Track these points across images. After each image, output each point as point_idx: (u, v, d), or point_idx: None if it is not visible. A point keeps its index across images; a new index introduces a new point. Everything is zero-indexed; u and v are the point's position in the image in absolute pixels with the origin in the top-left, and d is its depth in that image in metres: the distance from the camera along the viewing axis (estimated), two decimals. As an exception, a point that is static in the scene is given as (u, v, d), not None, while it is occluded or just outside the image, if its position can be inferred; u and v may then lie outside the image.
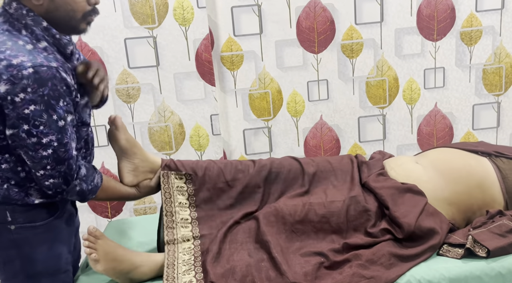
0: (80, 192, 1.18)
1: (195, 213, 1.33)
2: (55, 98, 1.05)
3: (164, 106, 2.07)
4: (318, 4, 2.06)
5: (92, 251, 1.18)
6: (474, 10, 2.13)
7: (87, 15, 1.14)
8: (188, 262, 1.23)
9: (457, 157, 1.44)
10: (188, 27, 2.00)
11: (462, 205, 1.34)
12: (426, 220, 1.27)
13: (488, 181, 1.35)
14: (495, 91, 2.24)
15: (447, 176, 1.36)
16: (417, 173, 1.38)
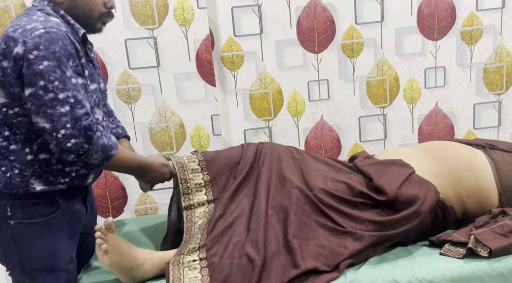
0: (103, 146, 1.19)
1: (207, 176, 1.41)
2: (65, 57, 1.13)
3: (164, 107, 2.07)
4: (318, 4, 2.06)
5: (103, 242, 1.19)
6: (474, 9, 2.13)
7: (103, 16, 1.29)
8: (202, 226, 1.31)
9: (447, 144, 1.48)
10: (188, 28, 2.00)
11: (452, 181, 1.35)
12: (410, 187, 1.27)
13: (480, 167, 1.36)
14: (496, 90, 2.24)
15: (433, 154, 1.40)
16: (404, 152, 1.43)
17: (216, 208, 1.35)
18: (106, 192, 2.11)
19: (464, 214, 1.37)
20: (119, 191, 2.12)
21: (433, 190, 1.29)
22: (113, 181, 2.11)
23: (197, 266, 1.18)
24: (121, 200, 2.14)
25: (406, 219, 1.24)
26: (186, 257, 1.21)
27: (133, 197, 2.14)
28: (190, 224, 1.33)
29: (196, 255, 1.20)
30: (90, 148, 1.16)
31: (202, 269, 1.17)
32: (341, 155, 2.25)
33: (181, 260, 1.20)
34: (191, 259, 1.20)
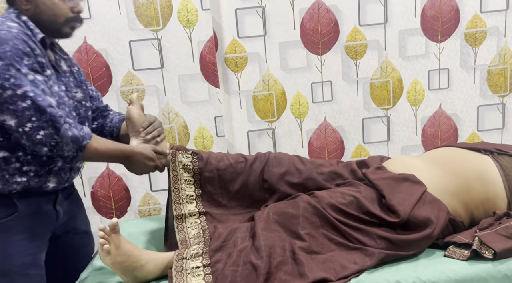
0: (74, 138, 1.20)
1: (199, 190, 1.40)
2: (18, 55, 1.15)
3: (168, 108, 2.08)
4: (322, 6, 2.06)
5: (105, 242, 1.19)
6: (478, 11, 2.12)
7: (69, 21, 1.28)
8: (197, 236, 1.30)
9: (455, 153, 1.45)
10: (192, 29, 2.01)
11: (463, 197, 1.33)
12: (422, 208, 1.26)
13: (490, 177, 1.34)
14: (500, 92, 2.24)
15: (444, 168, 1.36)
16: (415, 165, 1.40)
17: (210, 218, 1.35)
18: (110, 193, 2.12)
19: (470, 222, 1.36)
20: (122, 192, 2.13)
21: (445, 211, 1.28)
22: (116, 182, 2.11)
23: (200, 272, 1.17)
24: (124, 201, 2.14)
25: (418, 241, 1.24)
26: (189, 263, 1.20)
27: (136, 198, 2.14)
28: (183, 235, 1.32)
29: (200, 262, 1.19)
30: (60, 141, 1.18)
31: (205, 276, 1.16)
32: (344, 156, 2.24)
33: (184, 266, 1.19)
34: (195, 266, 1.19)
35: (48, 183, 1.28)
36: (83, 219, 1.51)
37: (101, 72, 2.00)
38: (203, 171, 1.41)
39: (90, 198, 2.11)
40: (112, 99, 2.03)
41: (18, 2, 1.25)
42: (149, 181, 2.13)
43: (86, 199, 2.10)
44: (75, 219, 1.44)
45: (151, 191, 2.15)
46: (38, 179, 1.26)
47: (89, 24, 1.94)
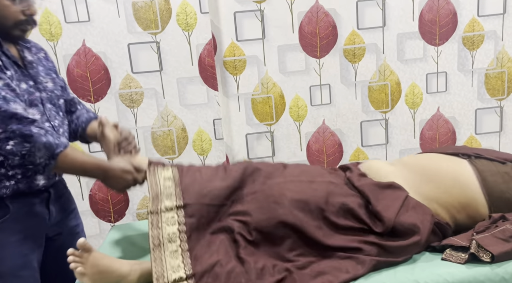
0: (48, 144, 1.15)
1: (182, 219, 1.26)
2: None
3: (167, 111, 2.08)
4: (320, 9, 2.07)
5: (77, 265, 1.15)
6: (476, 15, 2.13)
7: (19, 24, 1.22)
8: (173, 237, 1.20)
9: (430, 159, 1.45)
10: (191, 32, 2.01)
11: (442, 201, 1.33)
12: (407, 214, 1.26)
13: (465, 180, 1.34)
14: (497, 95, 2.24)
15: (420, 176, 1.36)
16: (392, 173, 1.40)
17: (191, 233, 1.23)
18: (108, 196, 2.12)
19: (455, 227, 1.37)
20: (120, 195, 2.13)
21: (429, 214, 1.28)
22: (115, 185, 2.11)
23: None
24: (122, 204, 2.14)
25: (406, 247, 1.24)
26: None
27: (134, 201, 2.14)
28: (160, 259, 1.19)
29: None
30: (32, 146, 1.14)
31: None
32: (343, 159, 2.25)
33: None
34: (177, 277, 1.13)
35: (38, 182, 1.26)
36: (76, 219, 1.48)
37: (99, 75, 2.00)
38: (183, 178, 1.30)
39: (88, 201, 2.10)
40: (110, 102, 2.03)
41: None
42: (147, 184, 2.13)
43: (84, 202, 2.09)
44: (67, 219, 1.42)
45: (150, 194, 2.14)
46: (26, 180, 1.23)
47: (87, 27, 1.94)
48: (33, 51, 1.33)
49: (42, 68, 1.32)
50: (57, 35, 1.94)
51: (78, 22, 1.93)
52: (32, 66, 1.29)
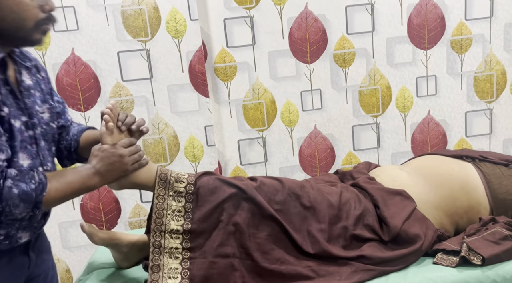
0: (23, 195, 0.94)
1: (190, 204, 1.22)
2: None
3: (158, 118, 2.07)
4: (310, 15, 2.08)
5: (109, 119, 1.15)
6: (463, 18, 2.16)
7: (40, 23, 1.00)
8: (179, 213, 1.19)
9: (440, 162, 1.46)
10: (181, 40, 2.01)
11: (448, 208, 1.34)
12: (413, 225, 1.27)
13: (472, 185, 1.36)
14: (486, 98, 2.26)
15: (430, 181, 1.37)
16: (402, 178, 1.40)
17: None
18: (100, 205, 2.10)
19: (455, 232, 1.38)
20: (112, 204, 2.11)
21: (432, 230, 1.30)
22: (106, 194, 2.10)
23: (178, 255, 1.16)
24: (114, 213, 2.12)
25: (406, 256, 1.25)
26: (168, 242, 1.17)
27: (126, 210, 2.13)
28: None
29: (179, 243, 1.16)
30: (5, 205, 0.92)
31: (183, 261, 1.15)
32: (335, 164, 2.25)
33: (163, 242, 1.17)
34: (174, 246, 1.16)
35: (20, 240, 1.07)
36: (50, 259, 1.27)
37: (89, 83, 1.99)
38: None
39: (79, 211, 2.09)
40: (100, 110, 2.01)
41: None
42: (139, 192, 2.12)
43: (75, 211, 2.08)
44: (41, 259, 1.21)
45: (142, 202, 2.13)
46: (8, 241, 1.04)
47: (76, 35, 1.94)
48: (33, 71, 1.12)
49: (39, 94, 1.11)
50: (46, 44, 1.93)
51: (66, 30, 1.92)
52: (29, 94, 1.08)
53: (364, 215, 1.29)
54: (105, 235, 1.27)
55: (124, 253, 1.31)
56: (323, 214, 1.26)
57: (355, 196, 1.33)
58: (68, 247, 2.07)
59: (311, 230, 1.24)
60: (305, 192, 1.28)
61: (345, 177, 1.50)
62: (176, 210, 1.19)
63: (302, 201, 1.26)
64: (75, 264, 2.08)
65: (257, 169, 2.20)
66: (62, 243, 2.06)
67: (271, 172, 2.21)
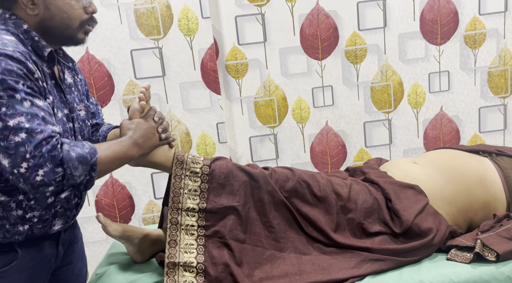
0: (80, 157, 0.98)
1: (205, 184, 1.25)
2: (12, 79, 0.94)
3: (170, 116, 2.09)
4: (321, 11, 2.08)
5: (144, 98, 1.19)
6: (477, 13, 2.13)
7: (84, 23, 1.10)
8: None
9: (456, 156, 1.43)
10: (193, 37, 2.03)
11: (462, 204, 1.32)
12: (425, 219, 1.27)
13: (489, 179, 1.33)
14: (501, 93, 2.24)
15: (445, 174, 1.35)
16: (415, 172, 1.38)
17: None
18: (114, 201, 2.13)
19: (468, 228, 1.36)
20: (126, 200, 2.14)
21: (445, 225, 1.29)
22: (120, 190, 2.13)
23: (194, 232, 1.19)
24: (128, 209, 2.15)
25: (418, 249, 1.25)
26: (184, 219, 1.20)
27: (140, 206, 2.16)
28: None
29: (195, 220, 1.20)
30: (66, 168, 0.96)
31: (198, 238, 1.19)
32: (346, 160, 2.25)
33: (179, 220, 1.21)
34: (190, 223, 1.20)
35: (54, 227, 1.11)
36: (80, 250, 1.32)
37: (103, 81, 2.02)
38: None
39: (94, 207, 2.12)
40: (114, 108, 2.05)
41: (20, 6, 1.03)
42: (153, 189, 2.15)
43: (90, 208, 2.11)
44: (70, 252, 1.26)
45: (155, 198, 2.16)
46: (42, 225, 1.08)
47: (90, 34, 1.94)
48: (72, 73, 1.19)
49: (77, 93, 1.19)
50: (61, 43, 1.96)
51: (81, 29, 1.95)
52: (70, 91, 1.15)
53: (374, 208, 1.29)
54: (119, 227, 1.32)
55: (137, 245, 1.34)
56: (331, 204, 1.28)
57: (365, 189, 1.34)
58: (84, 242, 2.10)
59: (319, 220, 1.25)
60: (315, 181, 1.30)
61: (356, 173, 1.50)
62: (192, 190, 1.23)
63: (313, 190, 1.28)
64: (91, 259, 2.11)
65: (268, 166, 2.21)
66: (77, 239, 2.10)
67: (283, 168, 2.22)
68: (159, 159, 1.24)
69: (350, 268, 1.19)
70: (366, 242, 1.25)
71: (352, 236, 1.27)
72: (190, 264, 1.16)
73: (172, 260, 1.16)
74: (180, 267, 1.16)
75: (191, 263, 1.16)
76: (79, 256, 1.31)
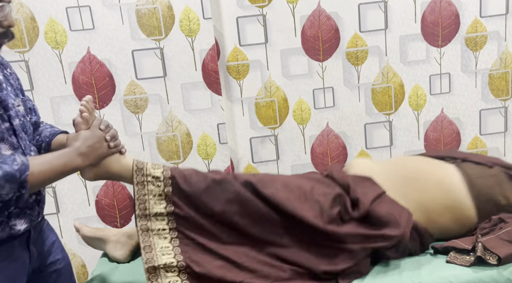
0: (7, 175, 0.95)
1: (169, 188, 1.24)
2: None
3: (171, 116, 2.09)
4: (322, 13, 2.08)
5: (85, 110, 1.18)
6: (478, 15, 2.13)
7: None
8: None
9: (417, 160, 1.46)
10: (194, 38, 2.03)
11: (421, 202, 1.32)
12: (383, 205, 1.27)
13: (449, 183, 1.33)
14: (501, 96, 2.24)
15: (403, 177, 1.37)
16: (374, 170, 1.41)
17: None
18: (114, 201, 2.13)
19: (442, 233, 1.35)
20: (126, 200, 2.14)
21: (406, 211, 1.28)
22: (120, 191, 2.13)
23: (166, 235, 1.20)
24: (128, 209, 2.16)
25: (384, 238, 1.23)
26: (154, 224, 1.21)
27: (140, 206, 2.15)
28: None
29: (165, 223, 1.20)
30: None
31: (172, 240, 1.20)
32: (347, 162, 2.25)
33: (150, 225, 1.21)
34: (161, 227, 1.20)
35: (16, 227, 1.08)
36: (56, 254, 1.28)
37: (104, 81, 2.02)
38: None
39: (94, 207, 2.12)
40: (115, 108, 2.05)
41: None
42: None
43: (90, 208, 2.11)
44: (47, 255, 1.23)
45: (155, 199, 2.16)
46: (4, 227, 1.06)
47: (92, 35, 1.97)
48: (1, 68, 1.15)
49: (11, 89, 1.14)
50: (62, 43, 1.96)
51: (82, 30, 1.95)
52: (1, 88, 1.10)
53: (337, 196, 1.30)
54: (92, 228, 1.38)
55: (114, 242, 1.36)
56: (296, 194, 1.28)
57: (324, 182, 1.36)
58: (83, 243, 2.10)
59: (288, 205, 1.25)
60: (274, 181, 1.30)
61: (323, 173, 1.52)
62: (157, 194, 1.23)
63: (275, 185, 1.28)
64: (91, 259, 2.12)
65: (269, 167, 2.21)
66: (78, 239, 2.10)
67: (283, 170, 2.22)
68: (114, 168, 1.22)
69: (333, 265, 1.19)
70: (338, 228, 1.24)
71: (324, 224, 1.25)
72: (171, 264, 1.15)
73: (152, 265, 1.15)
74: (161, 269, 1.15)
75: (171, 264, 1.16)
76: (59, 254, 1.28)
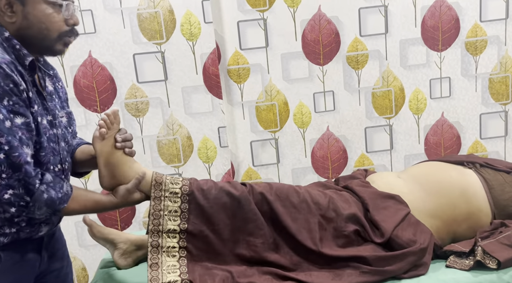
0: (49, 201, 1.03)
1: (185, 204, 1.24)
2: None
3: (172, 120, 2.10)
4: (323, 17, 2.09)
5: (104, 125, 1.18)
6: (478, 20, 2.14)
7: (63, 35, 1.09)
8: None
9: (438, 169, 1.43)
10: (195, 42, 2.04)
11: (446, 217, 1.32)
12: (405, 229, 1.25)
13: (472, 191, 1.33)
14: (502, 100, 2.24)
15: (428, 189, 1.35)
16: (398, 185, 1.38)
17: None
18: (115, 204, 2.14)
19: (453, 238, 1.35)
20: (127, 203, 2.14)
21: (428, 233, 1.27)
22: (121, 193, 2.13)
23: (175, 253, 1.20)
24: (129, 213, 2.16)
25: (406, 257, 1.21)
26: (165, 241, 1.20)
27: (141, 209, 2.16)
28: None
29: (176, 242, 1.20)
30: (32, 204, 1.01)
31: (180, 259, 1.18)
32: (347, 166, 2.25)
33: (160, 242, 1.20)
34: (171, 245, 1.20)
35: (40, 233, 1.13)
36: (61, 261, 1.30)
37: (105, 85, 2.03)
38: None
39: (95, 210, 2.12)
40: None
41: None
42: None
43: (91, 210, 2.11)
44: (53, 261, 1.25)
45: (156, 202, 2.16)
46: (29, 229, 1.10)
47: (94, 38, 1.98)
48: (52, 80, 1.20)
49: (58, 101, 1.20)
50: (64, 47, 1.97)
51: (84, 33, 1.96)
52: (51, 98, 1.16)
53: (354, 215, 1.28)
54: (104, 229, 1.35)
55: (121, 249, 1.35)
56: (312, 213, 1.26)
57: (344, 198, 1.32)
58: (84, 246, 2.11)
59: (300, 233, 1.24)
60: (294, 192, 1.29)
61: (339, 182, 1.50)
62: (173, 211, 1.22)
63: (292, 200, 1.27)
64: (91, 262, 2.12)
65: (269, 170, 2.21)
66: (78, 242, 2.10)
67: (283, 173, 2.22)
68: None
69: (337, 279, 1.17)
70: (353, 251, 1.23)
71: (337, 245, 1.25)
72: (175, 282, 1.15)
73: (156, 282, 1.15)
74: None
75: (175, 282, 1.15)
76: (64, 261, 1.30)
